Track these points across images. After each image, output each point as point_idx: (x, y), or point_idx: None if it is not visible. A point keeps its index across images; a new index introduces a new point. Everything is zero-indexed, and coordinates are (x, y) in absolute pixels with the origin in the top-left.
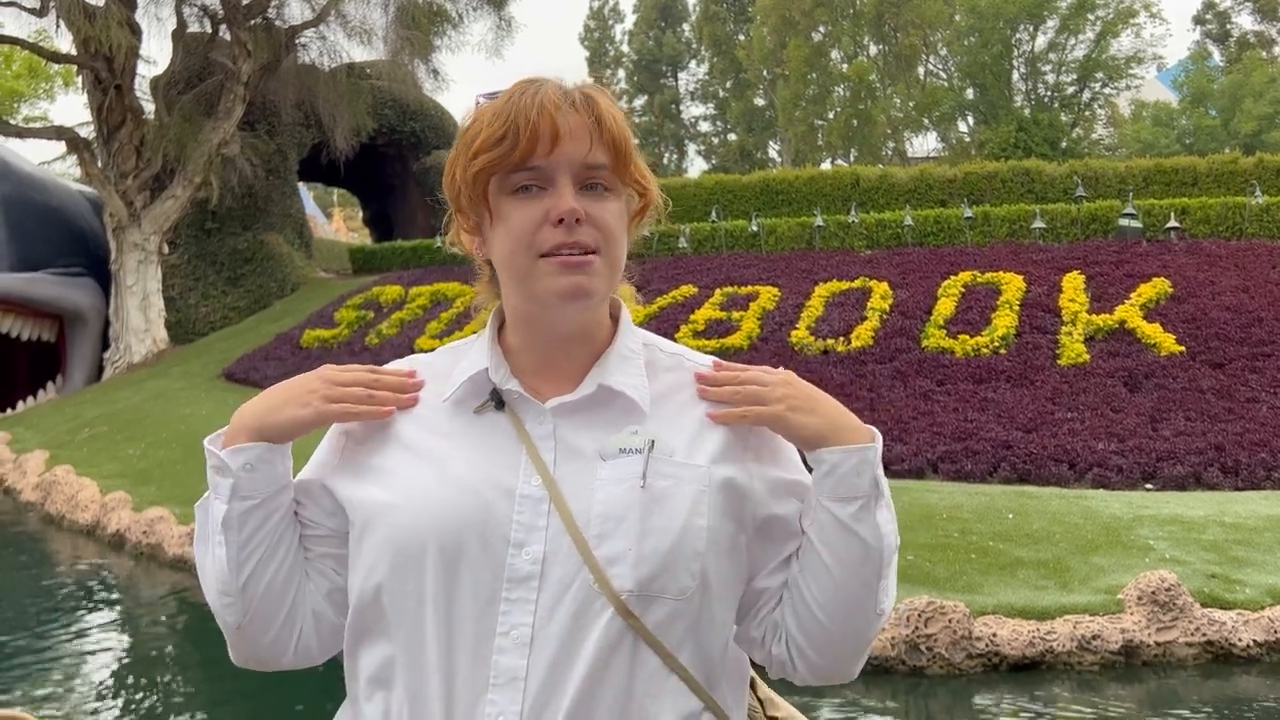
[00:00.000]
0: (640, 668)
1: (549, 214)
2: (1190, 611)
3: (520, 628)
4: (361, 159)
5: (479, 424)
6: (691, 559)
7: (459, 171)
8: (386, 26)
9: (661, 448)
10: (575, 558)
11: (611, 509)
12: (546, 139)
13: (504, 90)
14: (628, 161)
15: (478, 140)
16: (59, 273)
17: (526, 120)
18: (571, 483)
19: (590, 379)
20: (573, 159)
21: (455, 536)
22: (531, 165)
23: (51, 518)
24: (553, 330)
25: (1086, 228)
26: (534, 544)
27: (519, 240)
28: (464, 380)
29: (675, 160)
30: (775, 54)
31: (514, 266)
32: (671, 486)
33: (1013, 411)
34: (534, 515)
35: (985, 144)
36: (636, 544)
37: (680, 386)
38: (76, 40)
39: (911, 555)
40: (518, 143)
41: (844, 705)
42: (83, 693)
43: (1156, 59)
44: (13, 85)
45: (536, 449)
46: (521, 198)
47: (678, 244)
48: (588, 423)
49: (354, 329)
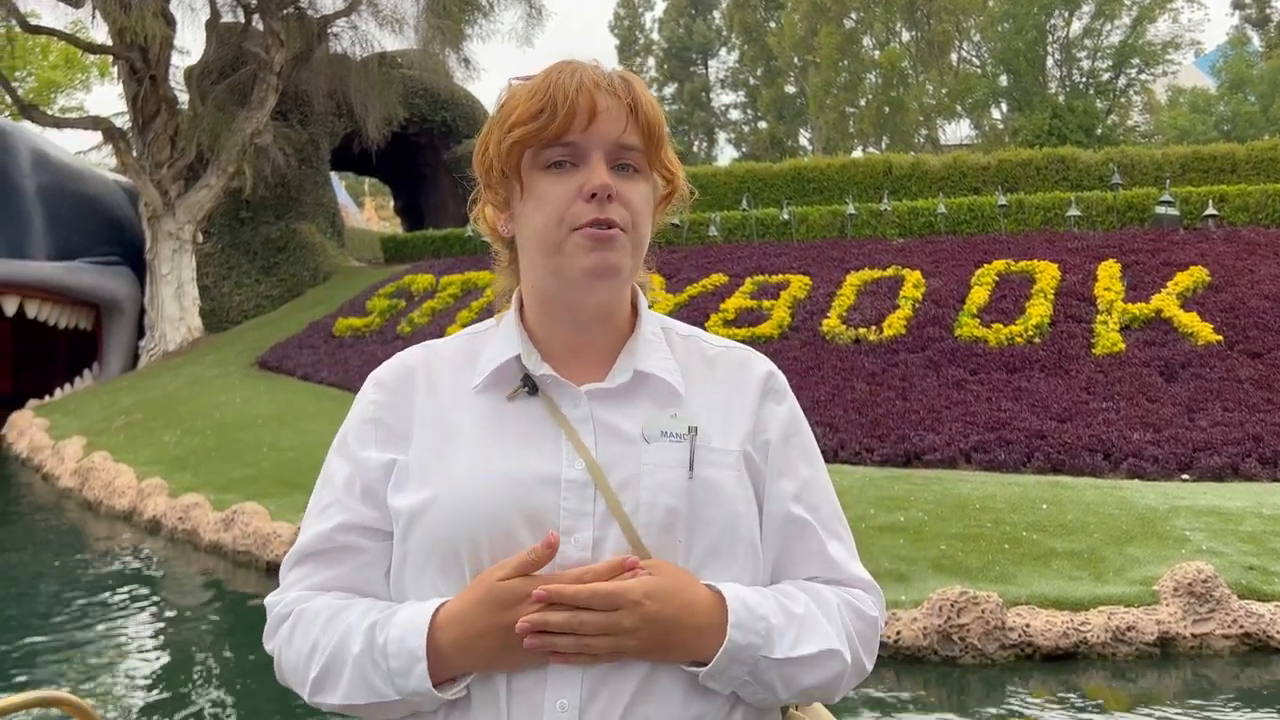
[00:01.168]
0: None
1: (582, 189)
2: (1227, 603)
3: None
4: (393, 148)
5: (513, 410)
6: (739, 544)
7: (492, 145)
8: (418, 15)
9: (703, 434)
10: (625, 545)
11: (660, 498)
12: (584, 115)
13: (540, 71)
14: (660, 146)
15: (515, 114)
16: (95, 262)
17: (565, 96)
18: (617, 466)
19: (623, 365)
20: (607, 137)
21: (504, 527)
22: (566, 141)
23: (89, 503)
24: (576, 311)
25: (1122, 216)
26: (582, 530)
27: (551, 214)
28: (494, 368)
29: (705, 148)
30: (806, 41)
31: (544, 239)
32: (717, 475)
33: (1047, 401)
34: (580, 500)
35: (1019, 131)
36: (687, 537)
37: (699, 368)
38: (112, 31)
39: (944, 545)
40: (555, 117)
41: (876, 695)
42: (123, 675)
43: (1194, 44)
44: (49, 76)
45: (576, 432)
46: (555, 173)
47: (708, 232)
48: (626, 407)
49: (386, 317)
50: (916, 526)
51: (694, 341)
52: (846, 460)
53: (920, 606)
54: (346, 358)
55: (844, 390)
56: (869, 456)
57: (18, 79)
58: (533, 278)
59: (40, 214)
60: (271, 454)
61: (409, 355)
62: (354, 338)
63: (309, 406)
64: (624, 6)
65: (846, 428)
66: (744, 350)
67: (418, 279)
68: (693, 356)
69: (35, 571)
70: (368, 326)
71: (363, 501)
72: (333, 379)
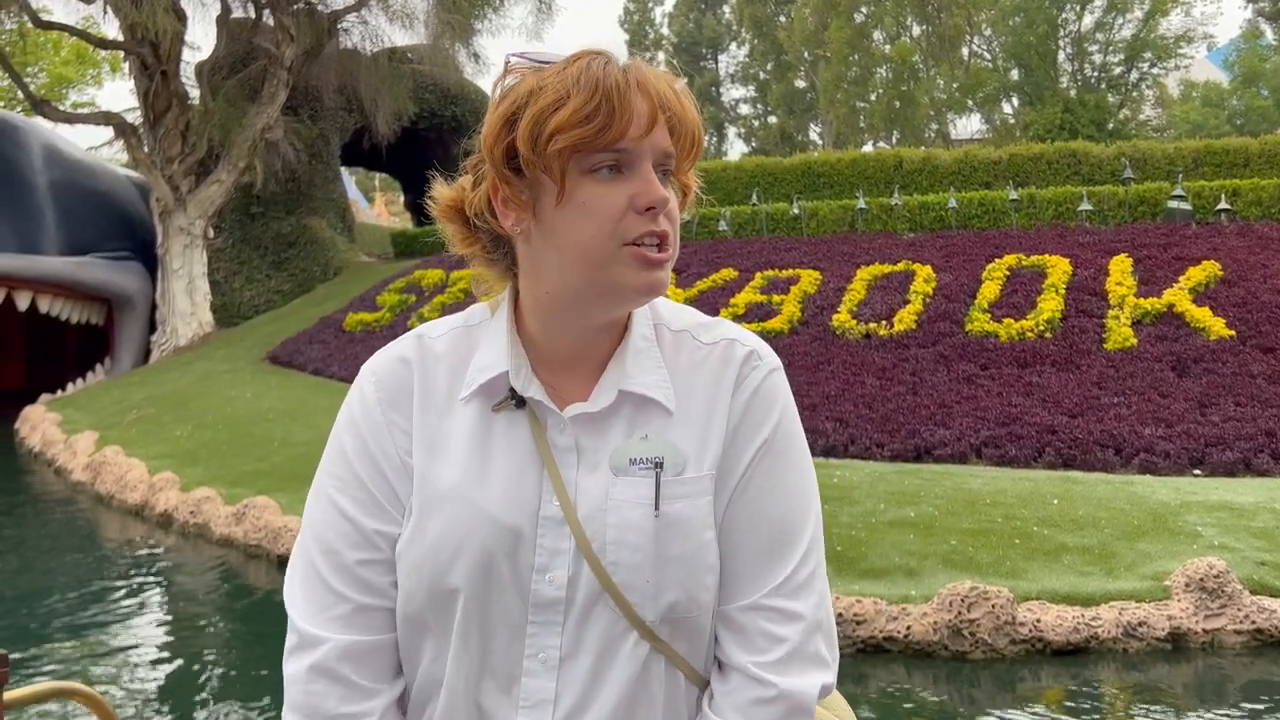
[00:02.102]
0: (670, 686)
1: (634, 200)
2: (1239, 599)
3: (548, 650)
4: (403, 143)
5: (499, 425)
6: (707, 573)
7: (523, 139)
8: (427, 10)
9: (672, 462)
10: (596, 583)
11: (625, 536)
12: (643, 121)
13: (555, 56)
14: (695, 158)
15: (562, 112)
16: (107, 257)
17: (624, 100)
18: (588, 500)
19: (609, 382)
20: (656, 145)
21: (486, 564)
22: (620, 147)
23: (101, 497)
24: (591, 322)
25: (1134, 210)
26: (557, 568)
27: (602, 226)
28: (481, 382)
29: (715, 143)
30: (817, 35)
31: (591, 251)
32: (684, 508)
33: (1058, 396)
34: (556, 539)
35: (1030, 125)
36: (654, 574)
37: (688, 372)
38: (123, 26)
39: (955, 540)
40: (612, 122)
41: (886, 689)
42: (135, 667)
43: (1207, 38)
44: (61, 71)
45: (556, 464)
46: (601, 179)
47: (718, 227)
48: (609, 427)
49: (396, 313)
50: (927, 521)
51: (684, 339)
52: (857, 455)
53: (930, 601)
54: (357, 352)
55: (854, 385)
56: (879, 452)
57: (30, 75)
58: (552, 284)
59: (52, 209)
60: (282, 448)
61: (400, 350)
62: (364, 332)
63: (320, 401)
64: (634, 1)
65: (857, 423)
66: (731, 341)
67: (428, 274)
68: (682, 359)
69: (48, 565)
70: (378, 321)
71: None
72: (343, 374)
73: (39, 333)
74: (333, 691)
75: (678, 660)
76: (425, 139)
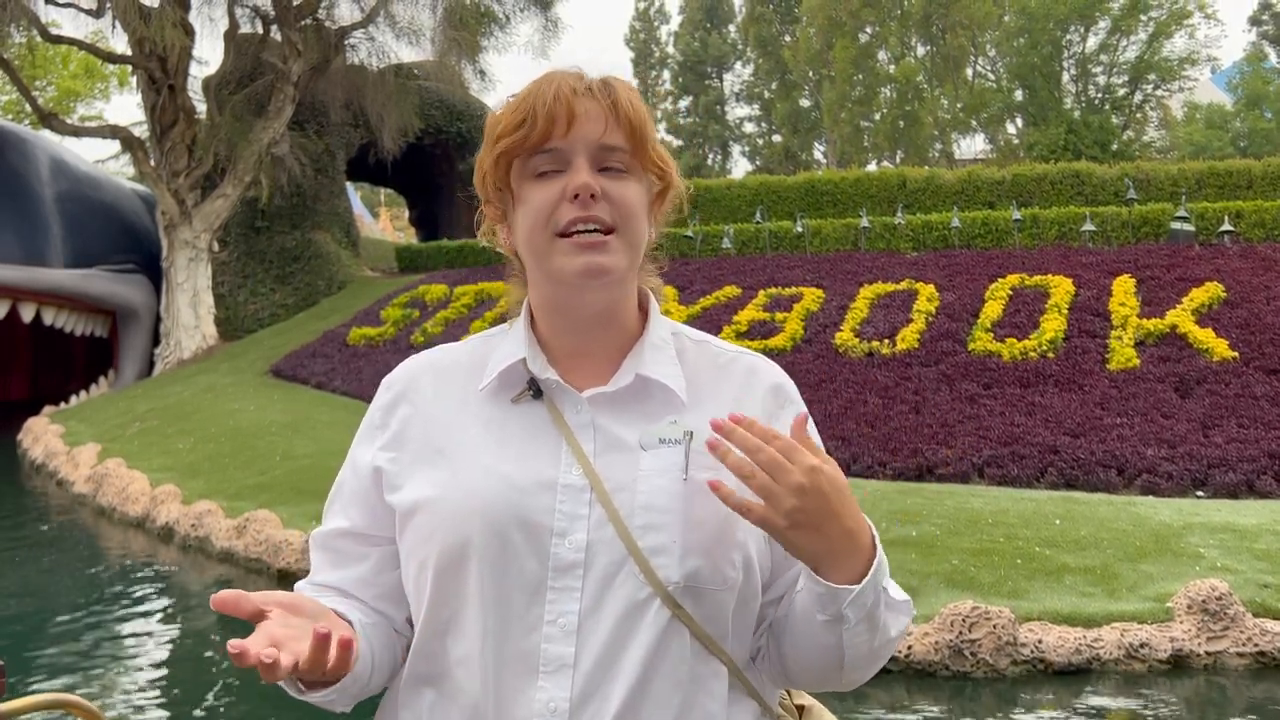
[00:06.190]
0: (689, 656)
1: (565, 190)
2: (1242, 621)
3: (567, 615)
4: (408, 158)
5: (516, 413)
6: (734, 548)
7: (486, 161)
8: (434, 27)
9: (700, 438)
10: (620, 547)
11: (655, 500)
12: (563, 120)
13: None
14: (645, 143)
15: (499, 127)
16: (112, 269)
17: (543, 103)
18: (613, 472)
19: (626, 369)
20: (589, 140)
21: (499, 529)
22: (549, 148)
23: (103, 509)
24: (579, 313)
25: (1137, 231)
26: (577, 532)
27: (537, 218)
28: (500, 370)
29: (720, 161)
30: (821, 55)
31: (533, 245)
32: (712, 478)
33: (1060, 416)
34: (576, 504)
35: (1034, 146)
36: (681, 536)
37: (709, 373)
38: (132, 40)
39: (956, 560)
40: (535, 125)
41: (887, 709)
42: (134, 680)
43: (1211, 60)
44: (69, 85)
45: (576, 438)
46: (542, 180)
47: (722, 245)
48: (626, 413)
49: (400, 327)
50: (929, 541)
51: (706, 347)
52: (859, 474)
53: (932, 621)
54: (360, 367)
55: (856, 404)
56: (881, 471)
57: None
58: (535, 285)
59: (58, 222)
60: (284, 462)
61: (419, 358)
62: (368, 347)
63: (322, 415)
64: (640, 19)
65: (859, 441)
66: (756, 358)
67: (431, 289)
68: (703, 362)
69: (47, 576)
70: (381, 336)
71: (358, 507)
72: (346, 388)
73: (44, 344)
74: (323, 559)
75: (697, 630)
76: (431, 155)
